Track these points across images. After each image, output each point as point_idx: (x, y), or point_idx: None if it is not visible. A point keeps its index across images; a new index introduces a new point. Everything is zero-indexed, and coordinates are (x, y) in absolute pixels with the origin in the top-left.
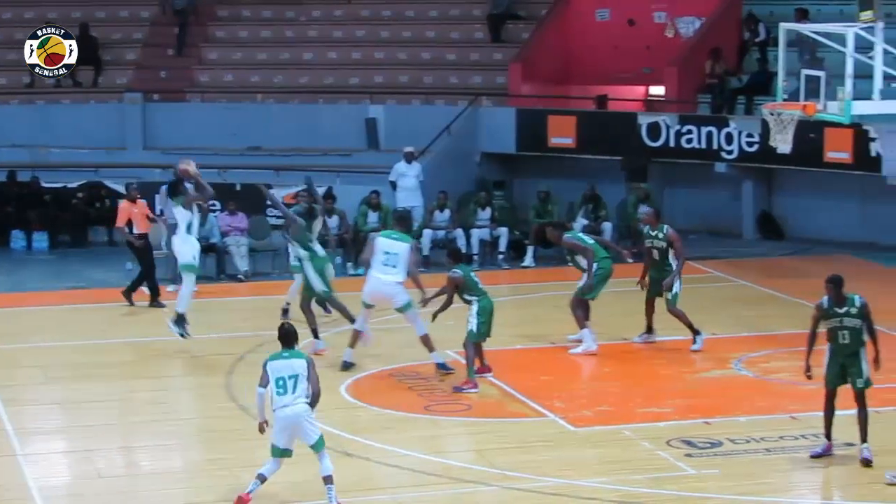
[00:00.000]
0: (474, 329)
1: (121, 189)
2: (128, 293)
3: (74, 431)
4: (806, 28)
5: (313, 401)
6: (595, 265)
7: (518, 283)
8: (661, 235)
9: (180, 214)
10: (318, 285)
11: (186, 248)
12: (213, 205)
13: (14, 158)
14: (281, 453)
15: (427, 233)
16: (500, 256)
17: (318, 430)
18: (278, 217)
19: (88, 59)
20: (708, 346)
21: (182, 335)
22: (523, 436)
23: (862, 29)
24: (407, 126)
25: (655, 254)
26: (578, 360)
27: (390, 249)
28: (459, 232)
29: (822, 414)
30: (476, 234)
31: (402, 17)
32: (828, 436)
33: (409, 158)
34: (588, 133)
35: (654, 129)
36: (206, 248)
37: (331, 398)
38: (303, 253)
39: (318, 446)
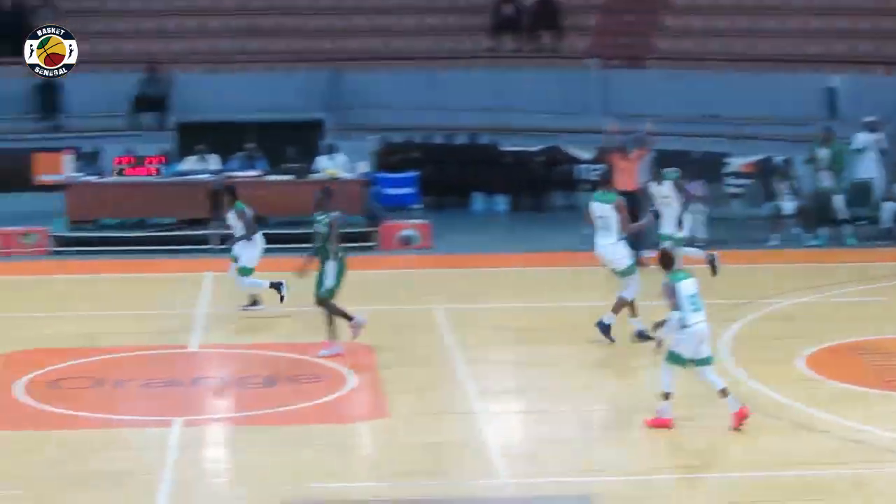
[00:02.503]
0: None
1: (581, 154)
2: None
3: (530, 392)
4: None
5: None
6: None
7: None
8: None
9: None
10: (330, 281)
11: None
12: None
13: (475, 122)
14: (685, 363)
15: (889, 205)
16: None
17: None
18: (737, 186)
19: (550, 24)
20: None
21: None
22: None
23: None
24: (868, 96)
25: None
26: None
27: (601, 213)
28: None
29: None
30: None
31: None
32: None
33: (872, 128)
34: None
35: None
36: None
37: (787, 370)
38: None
39: (710, 360)
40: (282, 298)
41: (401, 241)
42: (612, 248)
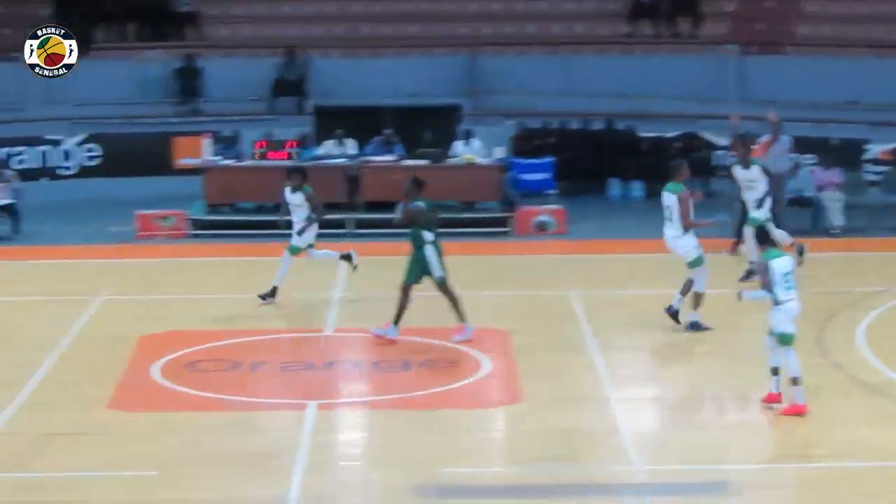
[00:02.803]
0: None
1: (718, 140)
2: None
3: (664, 379)
4: None
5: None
6: None
7: None
8: None
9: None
10: (437, 271)
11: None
12: (809, 158)
13: (612, 108)
14: (794, 338)
15: None
16: None
17: None
18: (876, 174)
19: (688, 10)
20: None
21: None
22: None
23: None
24: None
25: None
26: None
27: (668, 203)
28: None
29: None
30: None
31: None
32: None
33: None
34: None
35: None
36: (799, 202)
37: None
38: (428, 236)
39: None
40: (264, 297)
41: (536, 227)
42: (677, 240)
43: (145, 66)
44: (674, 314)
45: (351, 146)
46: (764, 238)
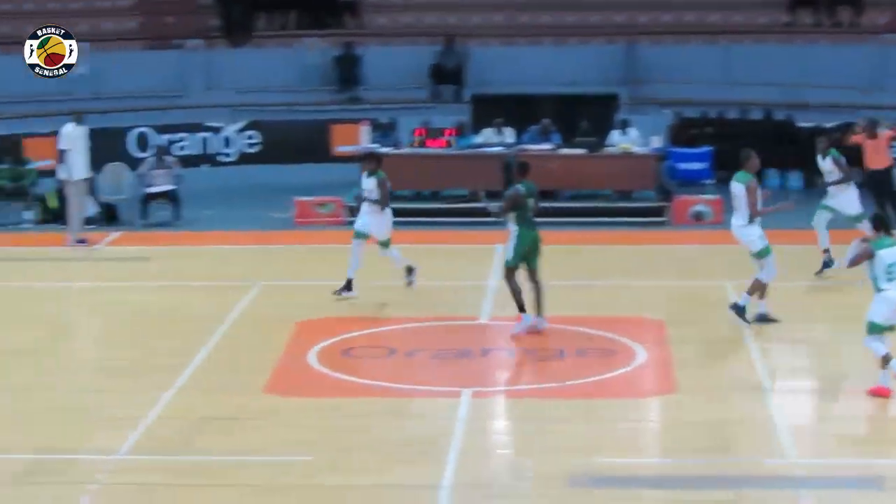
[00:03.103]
0: None
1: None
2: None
3: (821, 371)
4: None
5: None
6: None
7: None
8: None
9: None
10: (509, 254)
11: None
12: None
13: (770, 97)
14: (883, 329)
15: None
16: None
17: None
18: None
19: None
20: None
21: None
22: None
23: None
24: None
25: None
26: None
27: (736, 192)
28: None
29: None
30: None
31: None
32: None
33: None
34: None
35: None
36: None
37: None
38: (513, 226)
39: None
40: (410, 282)
41: (693, 217)
42: (743, 229)
43: (305, 54)
44: (739, 310)
45: (509, 135)
46: (879, 224)
